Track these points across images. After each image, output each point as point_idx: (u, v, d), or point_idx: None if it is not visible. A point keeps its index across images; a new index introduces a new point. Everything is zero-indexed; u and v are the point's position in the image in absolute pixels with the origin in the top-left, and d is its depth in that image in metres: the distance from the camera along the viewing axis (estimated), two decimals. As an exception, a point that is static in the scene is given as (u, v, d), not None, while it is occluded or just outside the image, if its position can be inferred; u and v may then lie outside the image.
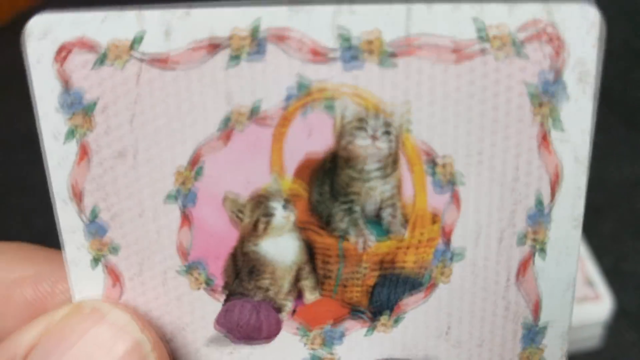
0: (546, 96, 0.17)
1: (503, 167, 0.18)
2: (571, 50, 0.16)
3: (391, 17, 0.17)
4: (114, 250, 0.19)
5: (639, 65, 0.61)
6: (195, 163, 0.18)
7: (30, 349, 0.18)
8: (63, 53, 0.17)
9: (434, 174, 0.18)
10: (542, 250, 0.18)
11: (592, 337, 0.45)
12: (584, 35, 0.16)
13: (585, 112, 0.17)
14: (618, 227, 0.51)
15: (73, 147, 0.18)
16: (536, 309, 0.19)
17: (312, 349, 0.20)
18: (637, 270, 0.49)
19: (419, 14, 0.16)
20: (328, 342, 0.20)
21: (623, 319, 0.46)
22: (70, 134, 0.18)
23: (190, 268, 0.19)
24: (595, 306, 0.43)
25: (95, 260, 0.19)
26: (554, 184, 0.18)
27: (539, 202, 0.18)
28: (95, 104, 0.18)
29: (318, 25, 0.17)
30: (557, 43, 0.16)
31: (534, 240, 0.18)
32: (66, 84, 0.17)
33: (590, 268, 0.45)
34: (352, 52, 0.17)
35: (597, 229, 0.50)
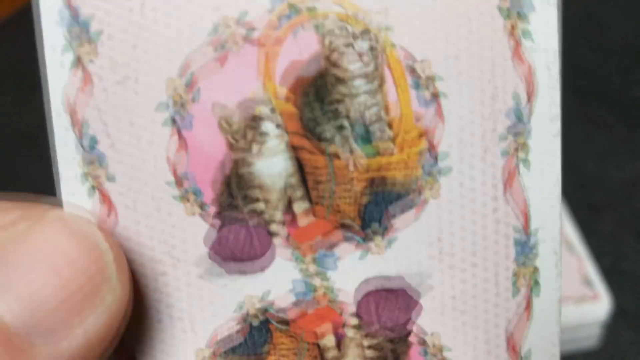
0: (514, 8, 0.19)
1: (481, 76, 0.19)
2: None
3: None
4: (111, 178, 0.19)
5: (638, 65, 0.63)
6: (192, 86, 0.19)
7: None
8: (71, -18, 0.19)
9: (417, 87, 0.19)
10: (526, 160, 0.19)
11: (590, 337, 0.44)
12: None
13: (551, 22, 0.19)
14: (617, 226, 0.51)
15: (77, 75, 0.19)
16: (526, 223, 0.20)
17: (307, 276, 0.20)
18: (636, 270, 0.49)
19: None
20: (322, 268, 0.20)
21: (621, 318, 0.46)
22: (76, 62, 0.19)
23: (185, 193, 0.19)
24: (593, 306, 0.43)
25: (92, 188, 0.19)
26: (530, 93, 0.19)
27: (518, 112, 0.19)
28: (101, 32, 0.19)
29: None
30: None
31: (517, 150, 0.19)
32: (75, 14, 0.19)
33: (589, 267, 0.45)
34: None
35: (596, 228, 0.50)
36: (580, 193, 0.52)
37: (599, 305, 0.43)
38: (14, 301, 0.17)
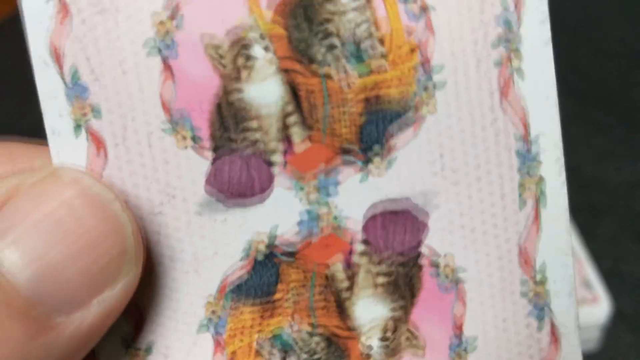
0: None
1: None
2: None
3: None
4: (97, 114, 0.18)
5: (638, 66, 0.63)
6: (176, 12, 0.18)
7: None
8: None
9: (405, 1, 0.19)
10: (520, 70, 0.19)
11: (590, 340, 0.44)
12: None
13: None
14: (617, 228, 0.51)
15: (54, 5, 0.18)
16: (526, 132, 0.19)
17: (308, 204, 0.19)
18: (635, 272, 0.48)
19: None
20: (323, 194, 0.19)
21: (621, 321, 0.45)
22: None
23: (175, 125, 0.19)
24: (592, 308, 0.43)
25: (78, 127, 0.18)
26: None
27: (507, 19, 0.19)
28: None
29: None
30: None
31: (509, 59, 0.19)
32: None
33: (588, 270, 0.45)
34: None
35: (595, 231, 0.50)
36: (580, 195, 0.51)
37: (598, 308, 0.43)
38: (25, 268, 0.16)
